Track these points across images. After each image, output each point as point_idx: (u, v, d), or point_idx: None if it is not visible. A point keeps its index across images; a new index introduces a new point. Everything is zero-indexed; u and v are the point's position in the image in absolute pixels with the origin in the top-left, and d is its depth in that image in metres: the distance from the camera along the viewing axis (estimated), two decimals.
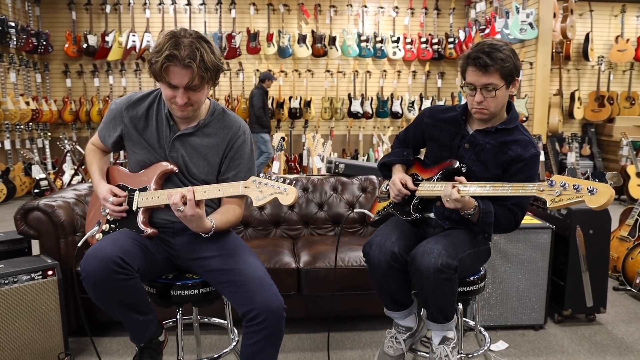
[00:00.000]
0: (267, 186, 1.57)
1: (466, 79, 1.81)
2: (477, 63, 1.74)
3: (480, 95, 1.77)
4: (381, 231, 1.94)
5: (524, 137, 1.86)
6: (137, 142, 1.82)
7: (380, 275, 1.88)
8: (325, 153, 6.51)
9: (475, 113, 1.84)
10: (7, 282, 2.15)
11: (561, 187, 1.53)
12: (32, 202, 2.47)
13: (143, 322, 1.73)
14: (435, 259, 1.71)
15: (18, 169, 6.63)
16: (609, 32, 8.03)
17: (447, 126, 1.96)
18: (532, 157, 1.83)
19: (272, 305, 1.65)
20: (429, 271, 1.71)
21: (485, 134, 1.87)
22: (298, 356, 2.48)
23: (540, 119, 6.17)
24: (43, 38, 7.28)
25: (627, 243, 3.43)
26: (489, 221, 1.78)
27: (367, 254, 1.91)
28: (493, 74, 1.74)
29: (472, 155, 1.88)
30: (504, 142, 1.85)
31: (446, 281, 1.73)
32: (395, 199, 1.99)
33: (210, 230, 1.70)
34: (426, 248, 1.76)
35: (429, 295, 1.78)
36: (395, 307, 1.97)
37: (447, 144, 1.94)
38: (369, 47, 7.90)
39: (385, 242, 1.86)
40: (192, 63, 1.57)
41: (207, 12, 7.81)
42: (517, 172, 1.83)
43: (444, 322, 1.84)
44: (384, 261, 1.84)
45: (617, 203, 6.19)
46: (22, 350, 2.20)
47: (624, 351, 2.55)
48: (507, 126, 1.86)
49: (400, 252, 1.83)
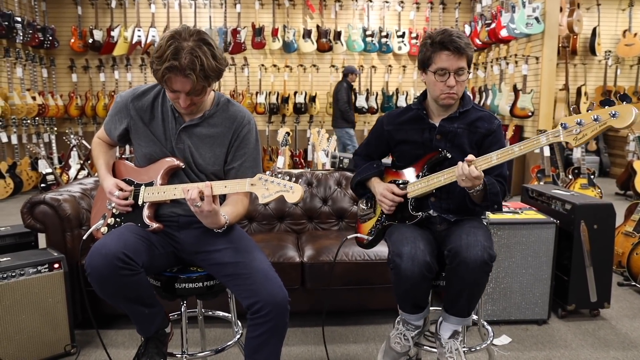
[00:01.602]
0: (273, 184, 1.58)
1: (437, 65, 1.83)
2: (452, 47, 1.79)
3: (453, 79, 1.82)
4: (402, 240, 1.82)
5: (484, 113, 1.95)
6: (143, 135, 1.82)
7: (409, 286, 1.80)
8: (330, 148, 6.50)
9: (445, 98, 1.87)
10: (14, 274, 2.18)
11: (577, 124, 1.53)
12: (38, 196, 2.49)
13: (149, 314, 1.75)
14: (481, 252, 1.70)
15: (25, 163, 6.67)
16: (616, 27, 7.96)
17: (411, 125, 1.98)
18: (498, 127, 1.94)
19: (277, 298, 1.66)
20: (476, 264, 1.70)
21: (452, 120, 1.93)
22: (301, 349, 2.49)
23: (546, 114, 6.14)
24: (49, 33, 7.31)
25: (632, 238, 3.41)
26: (495, 191, 1.81)
27: (397, 266, 1.77)
28: (464, 58, 1.82)
29: (447, 144, 1.92)
30: (471, 122, 1.92)
31: (487, 274, 1.75)
32: (390, 210, 1.96)
33: (223, 226, 1.71)
34: (469, 241, 1.73)
35: (468, 288, 1.77)
36: (415, 311, 1.93)
37: (419, 141, 1.95)
38: (374, 42, 7.88)
39: (416, 252, 1.76)
40: (191, 74, 1.58)
41: (212, 6, 7.81)
42: (490, 144, 1.90)
43: (466, 317, 1.84)
44: (417, 272, 1.75)
45: (623, 198, 6.17)
46: (28, 342, 2.23)
47: (628, 346, 2.55)
48: (467, 108, 1.94)
49: (432, 261, 1.78)
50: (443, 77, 1.82)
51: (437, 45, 1.81)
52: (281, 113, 8.00)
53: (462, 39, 1.80)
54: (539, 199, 3.06)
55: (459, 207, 1.89)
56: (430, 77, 1.86)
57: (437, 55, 1.82)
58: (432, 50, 1.83)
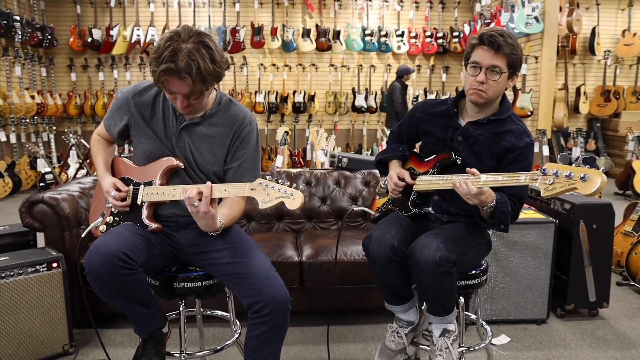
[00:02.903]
0: (273, 189, 1.57)
1: (472, 58, 1.80)
2: (490, 41, 1.74)
3: (483, 75, 1.76)
4: (380, 225, 1.93)
5: (517, 127, 1.85)
6: (143, 132, 1.81)
7: (380, 269, 1.88)
8: (329, 147, 6.50)
9: (472, 94, 1.81)
10: (13, 274, 2.18)
11: (554, 175, 1.52)
12: (37, 195, 2.49)
13: (147, 314, 1.75)
14: (433, 253, 1.71)
15: (23, 162, 6.66)
16: (615, 26, 7.96)
17: (440, 119, 1.95)
18: (527, 146, 1.83)
19: (278, 297, 1.66)
20: (427, 264, 1.71)
21: (478, 126, 1.87)
22: (300, 349, 2.49)
23: (546, 114, 6.14)
24: (48, 32, 7.30)
25: (631, 238, 3.42)
26: (506, 210, 1.75)
27: (366, 247, 1.90)
28: (502, 57, 1.75)
29: (465, 147, 1.88)
30: (497, 133, 1.84)
31: (445, 274, 1.73)
32: (393, 194, 1.99)
33: (218, 230, 1.71)
34: (425, 242, 1.75)
35: (428, 288, 1.79)
36: (396, 301, 1.97)
37: (441, 137, 1.94)
38: (373, 41, 7.87)
39: (384, 236, 1.85)
40: (187, 77, 1.56)
41: (212, 5, 7.79)
42: (512, 161, 1.82)
43: (444, 315, 1.85)
44: (383, 254, 1.83)
45: (622, 198, 6.17)
46: (27, 341, 2.23)
47: (626, 346, 2.55)
48: (500, 117, 1.86)
49: (399, 246, 1.83)
50: (475, 71, 1.79)
51: (477, 39, 1.79)
52: (280, 112, 8.00)
53: (505, 38, 1.74)
54: (538, 198, 3.06)
55: (460, 212, 1.88)
56: (466, 70, 1.83)
57: (477, 48, 1.79)
58: (473, 44, 1.81)
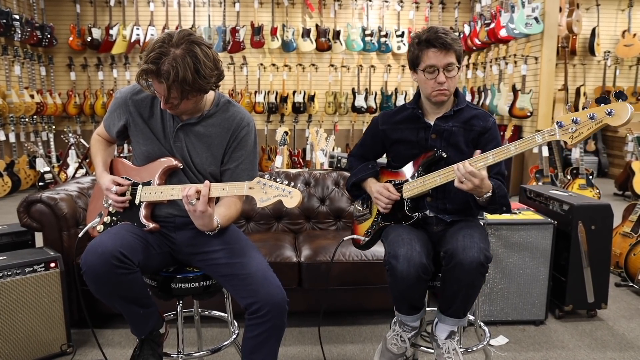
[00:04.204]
0: (272, 188, 1.58)
1: (425, 63, 1.83)
2: (438, 43, 1.79)
3: (442, 76, 1.82)
4: (398, 242, 1.81)
5: (478, 111, 1.95)
6: (142, 131, 1.81)
7: (405, 287, 1.80)
8: (329, 148, 6.50)
9: (437, 96, 1.86)
10: (10, 273, 2.17)
11: (573, 122, 1.52)
12: (35, 194, 2.48)
13: (144, 315, 1.75)
14: (477, 254, 1.70)
15: (23, 161, 6.66)
16: (615, 27, 7.96)
17: (406, 125, 1.97)
18: (493, 124, 1.94)
19: (276, 298, 1.66)
20: (472, 266, 1.70)
21: (447, 119, 1.92)
22: (298, 349, 2.49)
23: (545, 114, 6.14)
24: (47, 31, 7.29)
25: (629, 239, 3.41)
26: (503, 193, 1.81)
27: (393, 267, 1.77)
28: (452, 54, 1.82)
29: (442, 143, 1.91)
30: (466, 121, 1.92)
31: (483, 275, 1.75)
32: (386, 209, 1.95)
33: (214, 230, 1.70)
34: (465, 243, 1.73)
35: (463, 289, 1.76)
36: (411, 312, 1.92)
37: (415, 140, 1.95)
38: (373, 42, 7.87)
39: (412, 254, 1.75)
40: (164, 83, 1.55)
41: (211, 5, 7.79)
42: (487, 142, 1.89)
43: (462, 317, 1.84)
44: (413, 274, 1.74)
45: (621, 199, 6.17)
46: (24, 341, 2.22)
47: (625, 347, 2.55)
48: (462, 106, 1.93)
49: (428, 263, 1.77)
50: (432, 75, 1.83)
51: (424, 43, 1.82)
52: (280, 112, 7.99)
53: (449, 35, 1.81)
54: (537, 199, 3.06)
55: (456, 207, 1.89)
56: (421, 75, 1.87)
57: (425, 53, 1.83)
58: (419, 48, 1.84)
